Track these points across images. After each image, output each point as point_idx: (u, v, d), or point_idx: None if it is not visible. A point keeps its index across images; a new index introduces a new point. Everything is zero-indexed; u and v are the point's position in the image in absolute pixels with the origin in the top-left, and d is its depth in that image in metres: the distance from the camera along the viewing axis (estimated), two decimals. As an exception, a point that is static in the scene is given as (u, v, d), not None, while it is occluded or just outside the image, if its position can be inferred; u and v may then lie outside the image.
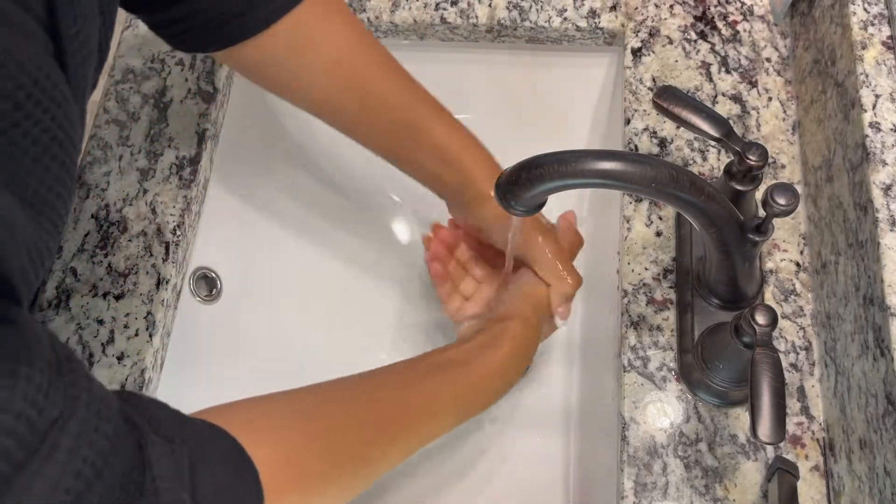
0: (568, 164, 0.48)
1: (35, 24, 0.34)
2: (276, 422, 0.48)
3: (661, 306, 0.67)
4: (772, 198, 0.51)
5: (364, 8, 0.82)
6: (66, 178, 0.36)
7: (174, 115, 0.77)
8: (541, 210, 0.55)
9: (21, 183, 0.33)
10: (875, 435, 0.53)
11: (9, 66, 0.31)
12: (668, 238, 0.69)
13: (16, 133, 0.32)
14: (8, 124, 0.31)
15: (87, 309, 0.69)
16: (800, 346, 0.64)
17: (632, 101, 0.75)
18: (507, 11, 0.80)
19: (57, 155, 0.34)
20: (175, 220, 0.73)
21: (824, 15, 0.69)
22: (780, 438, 0.49)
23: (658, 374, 0.64)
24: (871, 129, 0.59)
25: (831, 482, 0.60)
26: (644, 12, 0.79)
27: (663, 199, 0.51)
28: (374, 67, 0.64)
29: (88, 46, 0.39)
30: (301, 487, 0.46)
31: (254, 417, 0.47)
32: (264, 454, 0.43)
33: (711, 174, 0.71)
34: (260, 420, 0.47)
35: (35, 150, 0.33)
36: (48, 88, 0.33)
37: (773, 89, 0.74)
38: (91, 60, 0.40)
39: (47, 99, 0.33)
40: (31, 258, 0.33)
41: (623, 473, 0.61)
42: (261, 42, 0.60)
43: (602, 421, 0.71)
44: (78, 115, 0.37)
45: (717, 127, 0.56)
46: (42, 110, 0.33)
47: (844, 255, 0.60)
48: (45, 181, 0.34)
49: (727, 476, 0.60)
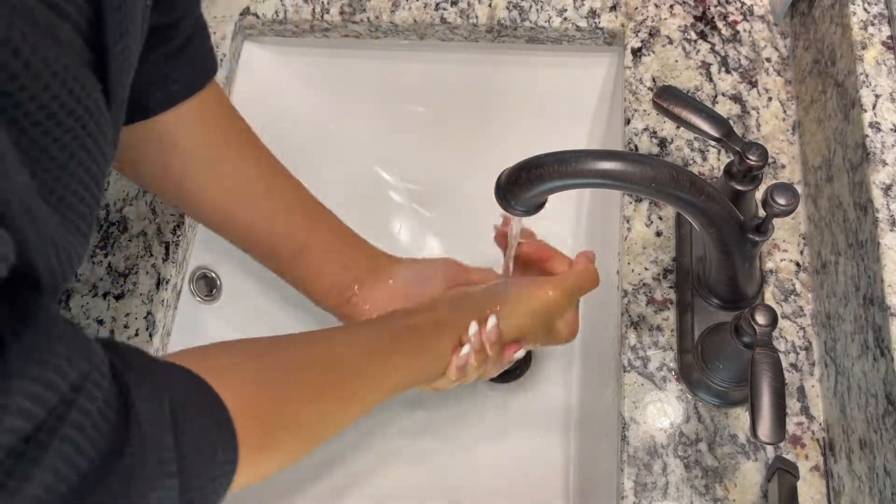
0: (568, 164, 0.48)
1: (73, 33, 0.34)
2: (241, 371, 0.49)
3: (661, 306, 0.67)
4: (772, 198, 0.51)
5: (364, 8, 0.82)
6: (92, 187, 0.36)
7: (174, 115, 0.77)
8: (540, 210, 0.55)
9: (47, 188, 0.33)
10: (875, 435, 0.53)
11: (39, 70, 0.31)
12: (668, 238, 0.69)
13: (46, 140, 0.32)
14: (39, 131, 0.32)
15: (87, 309, 0.69)
16: (800, 346, 0.64)
17: (632, 101, 0.75)
18: (507, 11, 0.80)
19: (83, 161, 0.35)
20: (175, 220, 0.73)
21: (824, 15, 0.69)
22: (780, 438, 0.49)
23: (658, 374, 0.64)
24: (871, 129, 0.59)
25: (831, 482, 0.60)
26: (644, 12, 0.79)
27: (663, 199, 0.51)
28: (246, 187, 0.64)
29: (130, 61, 0.40)
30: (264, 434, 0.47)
31: (227, 365, 0.48)
32: (231, 400, 0.44)
33: (711, 174, 0.71)
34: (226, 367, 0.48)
35: (63, 156, 0.34)
36: (83, 98, 0.34)
37: (773, 89, 0.74)
38: (131, 73, 0.41)
39: (81, 108, 0.34)
40: (59, 257, 0.34)
41: (623, 473, 0.61)
42: (148, 127, 0.59)
43: (602, 421, 0.71)
44: (110, 124, 0.37)
45: (717, 127, 0.56)
46: (74, 119, 0.33)
47: (844, 255, 0.60)
48: (72, 187, 0.35)
49: (727, 476, 0.60)
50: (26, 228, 0.30)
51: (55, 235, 0.33)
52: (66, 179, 0.34)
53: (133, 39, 0.40)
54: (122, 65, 0.39)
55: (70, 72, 0.33)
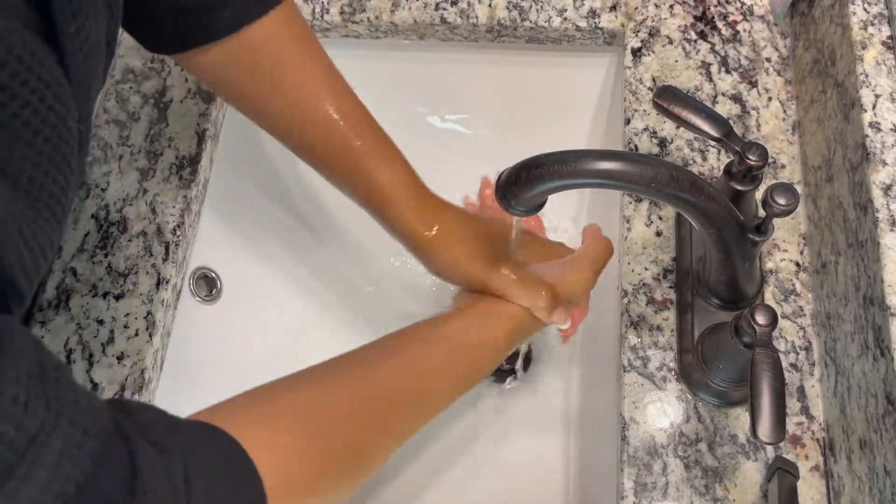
0: (568, 164, 0.48)
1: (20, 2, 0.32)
2: (276, 421, 0.47)
3: (661, 306, 0.67)
4: (772, 198, 0.51)
5: (364, 8, 0.82)
6: (61, 163, 0.34)
7: (174, 115, 0.77)
8: (540, 210, 0.55)
9: (15, 167, 0.31)
10: (875, 435, 0.53)
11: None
12: (668, 238, 0.69)
13: (3, 115, 0.30)
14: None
15: (87, 309, 0.69)
16: (800, 346, 0.64)
17: (632, 101, 0.75)
18: (507, 11, 0.80)
19: (50, 138, 0.33)
20: (175, 220, 0.73)
21: (824, 15, 0.69)
22: (780, 438, 0.49)
23: (658, 374, 0.64)
24: (871, 129, 0.59)
25: (831, 482, 0.60)
26: (644, 12, 0.79)
27: (663, 199, 0.51)
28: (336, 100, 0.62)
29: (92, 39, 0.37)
30: (303, 488, 0.45)
31: (253, 417, 0.46)
32: (265, 456, 0.42)
33: (711, 174, 0.71)
34: (259, 420, 0.46)
35: (26, 132, 0.31)
36: (34, 66, 0.31)
37: (773, 89, 0.74)
38: (98, 54, 0.38)
39: (35, 78, 0.31)
40: (31, 250, 0.31)
41: (623, 473, 0.61)
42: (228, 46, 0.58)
43: (602, 421, 0.71)
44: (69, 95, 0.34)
45: (717, 127, 0.56)
46: (30, 91, 0.31)
47: (844, 255, 0.60)
48: (41, 165, 0.32)
49: (727, 476, 0.60)
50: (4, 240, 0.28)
51: (27, 229, 0.31)
52: (34, 158, 0.32)
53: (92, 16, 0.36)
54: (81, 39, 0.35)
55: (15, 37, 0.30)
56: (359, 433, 0.51)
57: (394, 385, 0.55)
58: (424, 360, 0.58)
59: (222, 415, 0.44)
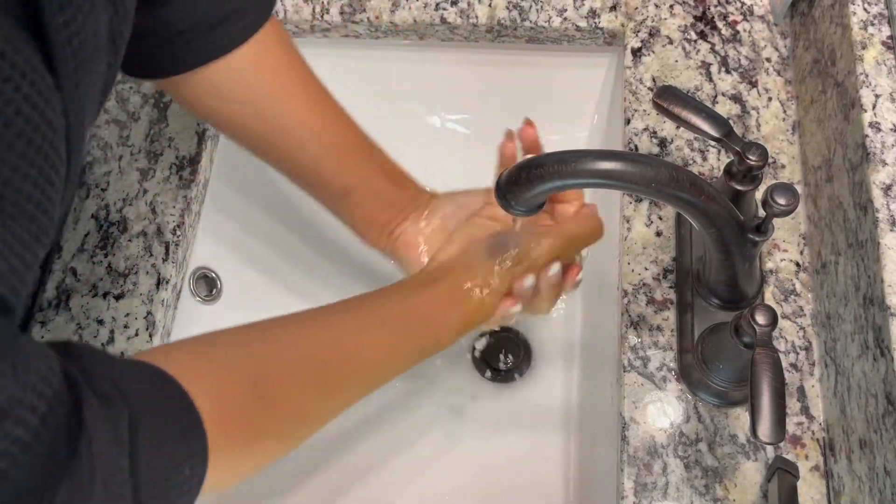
0: (568, 164, 0.48)
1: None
2: (222, 370, 0.46)
3: (661, 306, 0.67)
4: (772, 198, 0.51)
5: (364, 8, 0.82)
6: (43, 166, 0.32)
7: (174, 115, 0.77)
8: (540, 210, 0.55)
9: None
10: (875, 435, 0.53)
11: None
12: (668, 238, 0.69)
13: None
14: None
15: (87, 309, 0.69)
16: (800, 346, 0.64)
17: (632, 101, 0.75)
18: (507, 11, 0.80)
19: (33, 140, 0.31)
20: (175, 220, 0.73)
21: (824, 15, 0.69)
22: (780, 438, 0.49)
23: (658, 374, 0.64)
24: (871, 129, 0.59)
25: (831, 482, 0.60)
26: (644, 12, 0.79)
27: (663, 199, 0.51)
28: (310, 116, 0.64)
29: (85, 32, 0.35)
30: (240, 445, 0.44)
31: (204, 366, 0.45)
32: (212, 409, 0.41)
33: (711, 174, 0.71)
34: (210, 371, 0.45)
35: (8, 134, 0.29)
36: (8, 53, 0.29)
37: (773, 89, 0.74)
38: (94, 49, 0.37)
39: (8, 66, 0.29)
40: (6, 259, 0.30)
41: (623, 473, 0.61)
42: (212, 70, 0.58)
43: (602, 421, 0.71)
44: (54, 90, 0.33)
45: (717, 127, 0.56)
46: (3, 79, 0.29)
47: (844, 255, 0.60)
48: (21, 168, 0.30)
49: (727, 476, 0.60)
50: None
51: None
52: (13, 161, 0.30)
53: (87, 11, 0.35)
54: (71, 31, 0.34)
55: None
56: (301, 396, 0.51)
57: (343, 350, 0.54)
58: (376, 332, 0.57)
59: (173, 356, 0.43)
